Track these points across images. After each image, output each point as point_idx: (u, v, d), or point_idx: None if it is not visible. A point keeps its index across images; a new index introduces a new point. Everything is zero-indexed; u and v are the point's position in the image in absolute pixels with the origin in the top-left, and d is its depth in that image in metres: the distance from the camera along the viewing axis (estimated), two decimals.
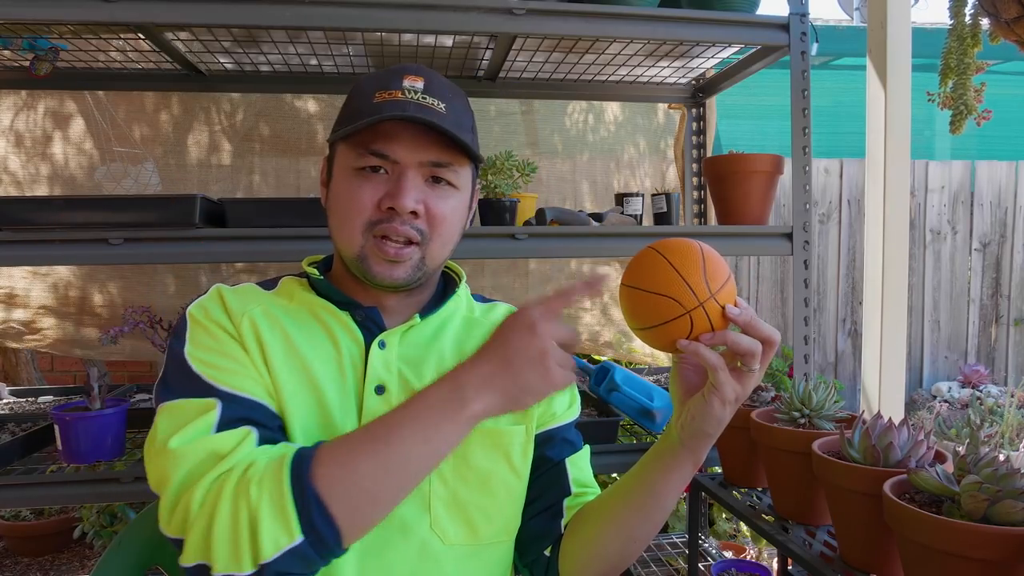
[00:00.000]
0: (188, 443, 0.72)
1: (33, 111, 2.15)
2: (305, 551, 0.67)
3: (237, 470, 0.70)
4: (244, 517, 0.67)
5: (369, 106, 0.83)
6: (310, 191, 2.25)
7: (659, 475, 0.82)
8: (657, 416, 1.60)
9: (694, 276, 0.71)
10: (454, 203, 0.87)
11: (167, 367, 0.80)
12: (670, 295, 0.70)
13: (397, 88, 0.83)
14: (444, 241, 0.87)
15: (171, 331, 0.84)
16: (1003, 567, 0.70)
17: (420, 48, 1.77)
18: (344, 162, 0.85)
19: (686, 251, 0.72)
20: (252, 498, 0.67)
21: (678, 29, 1.56)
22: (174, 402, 0.76)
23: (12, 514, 2.71)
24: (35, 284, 2.19)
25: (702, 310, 0.70)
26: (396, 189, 0.82)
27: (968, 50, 1.51)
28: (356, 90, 0.88)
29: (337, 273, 0.93)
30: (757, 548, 2.23)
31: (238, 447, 0.72)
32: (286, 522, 0.66)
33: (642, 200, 1.87)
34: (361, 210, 0.83)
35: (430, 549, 0.83)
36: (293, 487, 0.67)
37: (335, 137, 0.86)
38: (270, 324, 0.83)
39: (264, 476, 0.68)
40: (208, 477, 0.70)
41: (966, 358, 4.26)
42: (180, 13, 1.37)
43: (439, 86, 0.86)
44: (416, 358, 0.89)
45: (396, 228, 0.82)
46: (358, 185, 0.83)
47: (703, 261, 0.72)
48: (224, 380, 0.77)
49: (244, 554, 0.66)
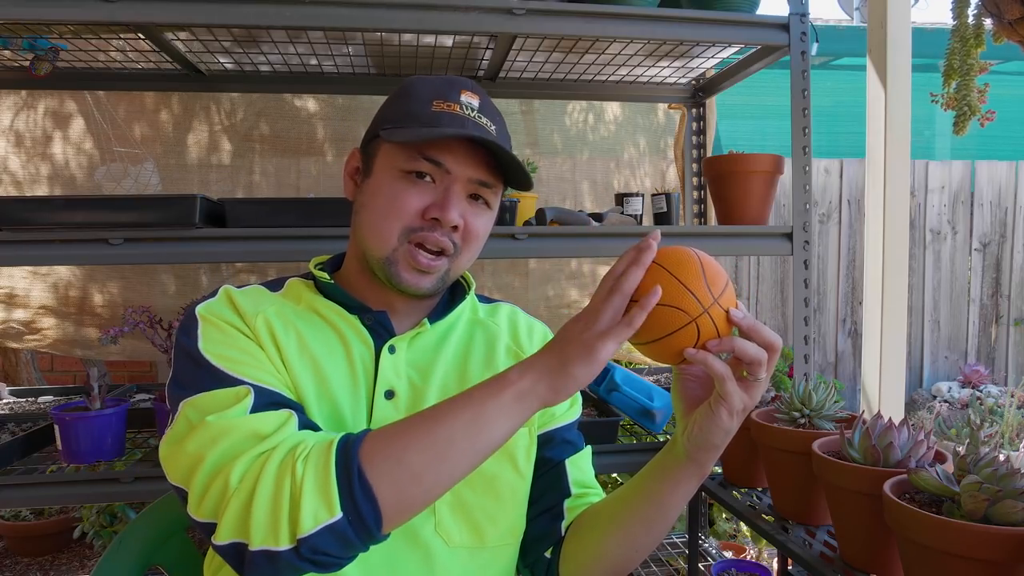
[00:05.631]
0: (228, 420, 0.71)
1: (33, 111, 2.15)
2: (344, 529, 0.65)
3: (283, 448, 0.69)
4: (287, 491, 0.65)
5: (427, 113, 0.83)
6: (310, 191, 2.25)
7: (664, 487, 0.82)
8: (657, 416, 1.61)
9: (695, 283, 0.70)
10: (486, 220, 0.89)
11: (179, 366, 0.78)
12: (674, 305, 0.70)
13: (455, 102, 0.85)
14: (471, 255, 0.89)
15: (178, 330, 0.82)
16: (1003, 567, 0.70)
17: (420, 48, 1.77)
18: (391, 161, 0.85)
19: (684, 259, 0.72)
20: (298, 473, 0.66)
21: (678, 29, 1.56)
22: (199, 396, 0.74)
23: (12, 514, 2.71)
24: (35, 284, 2.19)
25: (707, 316, 0.70)
26: (445, 201, 0.83)
27: (971, 51, 1.50)
28: (410, 92, 0.88)
29: (348, 273, 0.92)
30: (757, 548, 2.23)
31: (282, 428, 0.71)
32: (328, 497, 0.65)
33: (642, 200, 1.88)
34: (403, 214, 0.83)
35: (435, 551, 0.83)
36: (338, 464, 0.66)
37: (389, 136, 0.84)
38: (284, 324, 0.83)
39: (311, 453, 0.68)
40: (250, 453, 0.69)
41: (966, 358, 4.26)
42: (180, 13, 1.37)
43: (490, 107, 0.88)
44: (424, 363, 0.89)
45: (435, 238, 0.83)
46: (404, 188, 0.83)
47: (702, 268, 0.71)
48: (248, 373, 0.76)
49: (283, 528, 0.65)
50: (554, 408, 0.97)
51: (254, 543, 0.65)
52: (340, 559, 0.68)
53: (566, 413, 0.98)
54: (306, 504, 0.65)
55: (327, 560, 0.66)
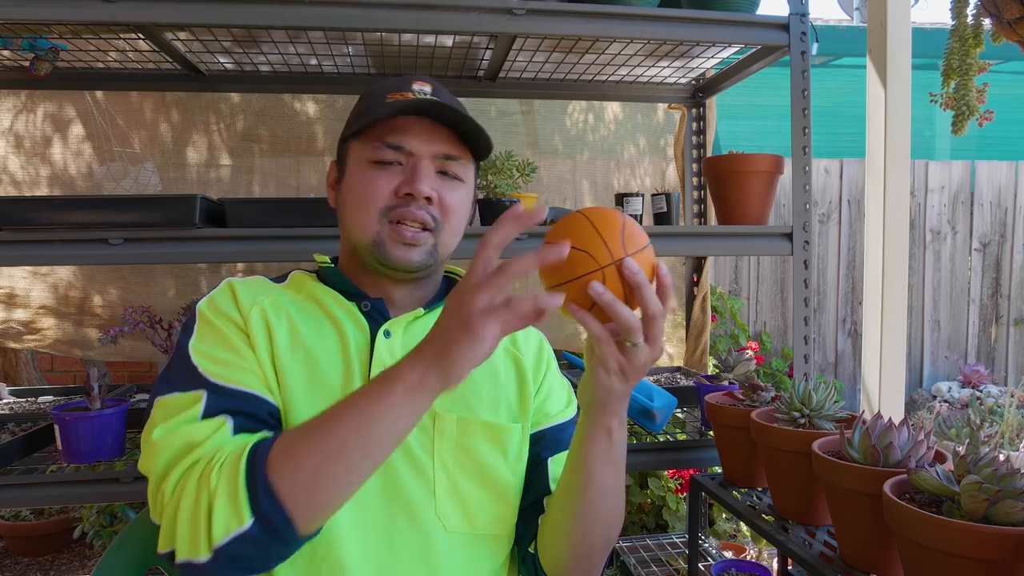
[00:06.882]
0: (168, 433, 0.75)
1: (33, 112, 2.15)
2: (256, 535, 0.67)
3: (205, 459, 0.72)
4: (204, 503, 0.68)
5: (383, 106, 0.87)
6: (309, 192, 2.25)
7: (578, 447, 0.82)
8: (657, 416, 1.60)
9: (611, 235, 0.71)
10: (462, 194, 0.92)
11: (172, 358, 0.83)
12: (585, 249, 0.70)
13: (407, 90, 0.89)
14: (454, 230, 0.91)
15: (182, 325, 0.87)
16: (1003, 567, 0.70)
17: (420, 48, 1.77)
18: (359, 156, 0.89)
19: (608, 215, 0.73)
20: (212, 485, 0.69)
21: (678, 29, 1.56)
22: (167, 397, 0.78)
23: (12, 514, 2.71)
24: (35, 284, 2.19)
25: (615, 270, 0.70)
26: (413, 176, 0.86)
27: (970, 51, 1.51)
28: (367, 94, 0.94)
29: (346, 266, 0.95)
30: (757, 548, 2.23)
31: (212, 436, 0.74)
32: (237, 507, 0.67)
33: (642, 200, 1.87)
34: (377, 197, 0.87)
35: (434, 535, 0.84)
36: (247, 473, 0.68)
37: (349, 132, 0.89)
38: (278, 314, 0.86)
39: (225, 463, 0.70)
40: (181, 466, 0.73)
41: (966, 358, 4.26)
42: (180, 13, 1.37)
43: (444, 93, 0.93)
44: None
45: (413, 212, 0.86)
46: (374, 175, 0.87)
47: (623, 225, 0.72)
48: (218, 373, 0.79)
49: (201, 539, 0.67)
50: (549, 407, 0.98)
51: (179, 555, 0.69)
52: (264, 563, 0.70)
53: (561, 412, 0.99)
54: (218, 515, 0.67)
55: (249, 566, 0.69)
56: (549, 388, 0.99)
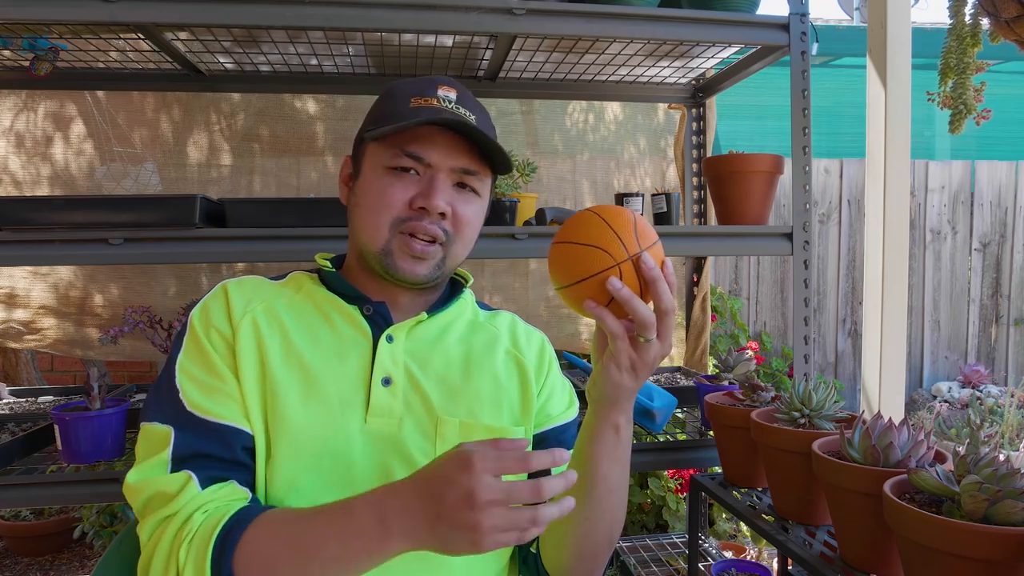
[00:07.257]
0: (142, 479, 0.78)
1: (33, 111, 2.15)
2: None
3: (177, 520, 0.74)
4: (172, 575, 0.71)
5: (405, 110, 0.86)
6: (310, 191, 2.25)
7: (585, 444, 0.83)
8: (657, 416, 1.60)
9: (625, 231, 0.72)
10: (476, 208, 0.91)
11: (162, 371, 0.84)
12: (602, 247, 0.71)
13: (432, 96, 0.88)
14: (465, 244, 0.91)
15: (176, 332, 0.87)
16: (1003, 567, 0.70)
17: (420, 48, 1.77)
18: (376, 160, 0.88)
19: (619, 212, 0.74)
20: (180, 561, 0.71)
21: (678, 29, 1.56)
22: (148, 425, 0.81)
23: (12, 514, 2.71)
24: (35, 284, 2.19)
25: (631, 265, 0.71)
26: (429, 189, 0.85)
27: (968, 50, 1.51)
28: (389, 93, 0.92)
29: (350, 269, 0.95)
30: (757, 548, 2.23)
31: (182, 492, 0.75)
32: None
33: (642, 200, 1.87)
34: (391, 206, 0.86)
35: None
36: (213, 562, 0.70)
37: (370, 135, 0.87)
38: (270, 323, 0.85)
39: (195, 539, 0.72)
40: (154, 518, 0.75)
41: (966, 358, 4.26)
42: (180, 13, 1.37)
43: (469, 99, 0.91)
44: (422, 353, 0.90)
45: (425, 226, 0.85)
46: (389, 183, 0.86)
47: (635, 222, 0.74)
48: (196, 403, 0.80)
49: None
50: (551, 409, 0.98)
51: None
52: None
53: (563, 414, 0.99)
54: None
55: None
56: (551, 389, 0.99)
